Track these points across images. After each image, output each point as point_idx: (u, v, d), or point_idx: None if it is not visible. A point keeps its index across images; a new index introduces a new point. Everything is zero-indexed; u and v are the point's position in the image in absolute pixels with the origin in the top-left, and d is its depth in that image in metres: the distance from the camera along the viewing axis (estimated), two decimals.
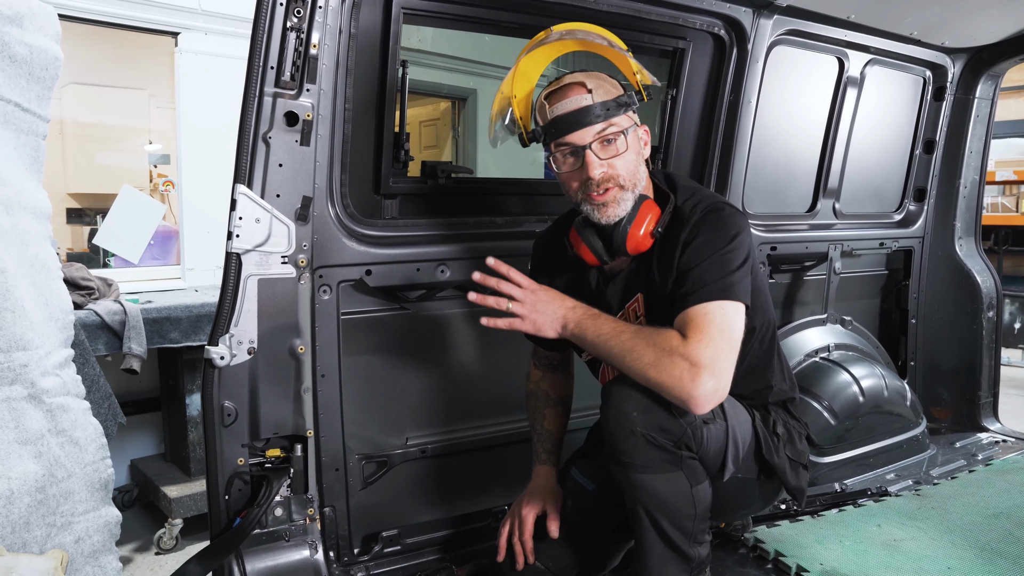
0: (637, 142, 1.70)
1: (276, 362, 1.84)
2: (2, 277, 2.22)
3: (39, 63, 2.43)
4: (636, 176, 1.69)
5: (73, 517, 2.30)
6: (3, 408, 2.20)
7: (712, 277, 1.59)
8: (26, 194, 2.43)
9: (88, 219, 5.13)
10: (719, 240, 1.63)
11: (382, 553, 2.11)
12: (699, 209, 1.69)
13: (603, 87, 1.65)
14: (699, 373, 1.49)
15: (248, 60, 1.70)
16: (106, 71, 5.03)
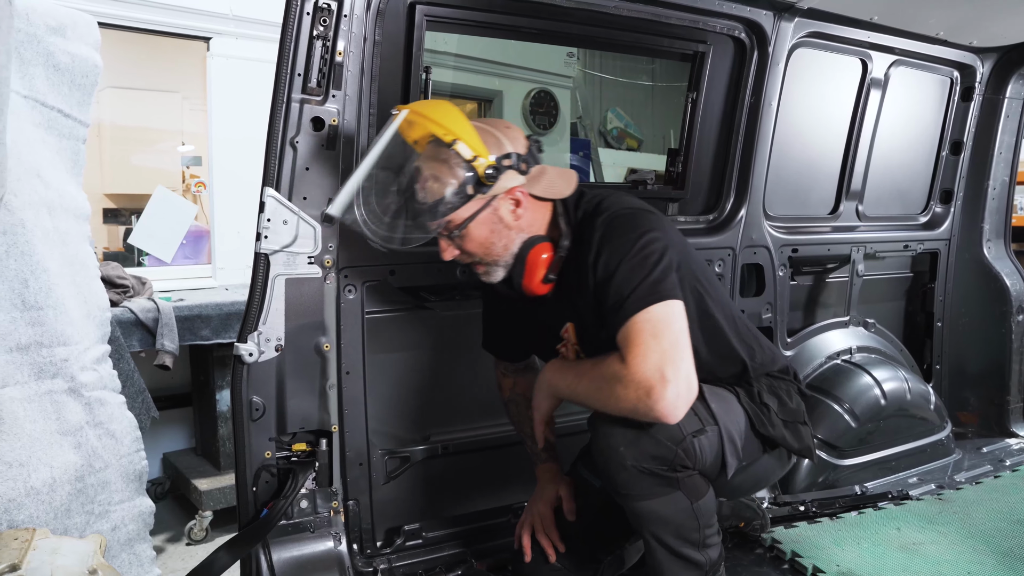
0: (492, 219, 1.67)
1: (302, 359, 1.90)
2: (45, 276, 2.32)
3: (80, 71, 2.52)
4: (494, 250, 1.70)
5: (110, 506, 2.39)
6: (45, 400, 2.29)
7: (629, 288, 1.58)
8: (67, 196, 2.52)
9: (124, 219, 5.25)
10: (623, 248, 1.62)
11: (404, 546, 2.16)
12: (599, 225, 1.68)
13: (441, 178, 1.61)
14: (652, 389, 1.49)
15: (276, 68, 1.76)
16: (142, 75, 5.16)
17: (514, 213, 1.70)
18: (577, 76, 6.29)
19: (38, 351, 2.28)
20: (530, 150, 1.71)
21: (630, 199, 1.78)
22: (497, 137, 1.66)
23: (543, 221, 1.76)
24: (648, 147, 7.09)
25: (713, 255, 2.57)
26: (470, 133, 1.60)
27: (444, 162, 1.60)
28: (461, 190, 1.61)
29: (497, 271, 1.74)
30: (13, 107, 2.30)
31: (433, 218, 1.63)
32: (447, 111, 1.62)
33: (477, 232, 1.67)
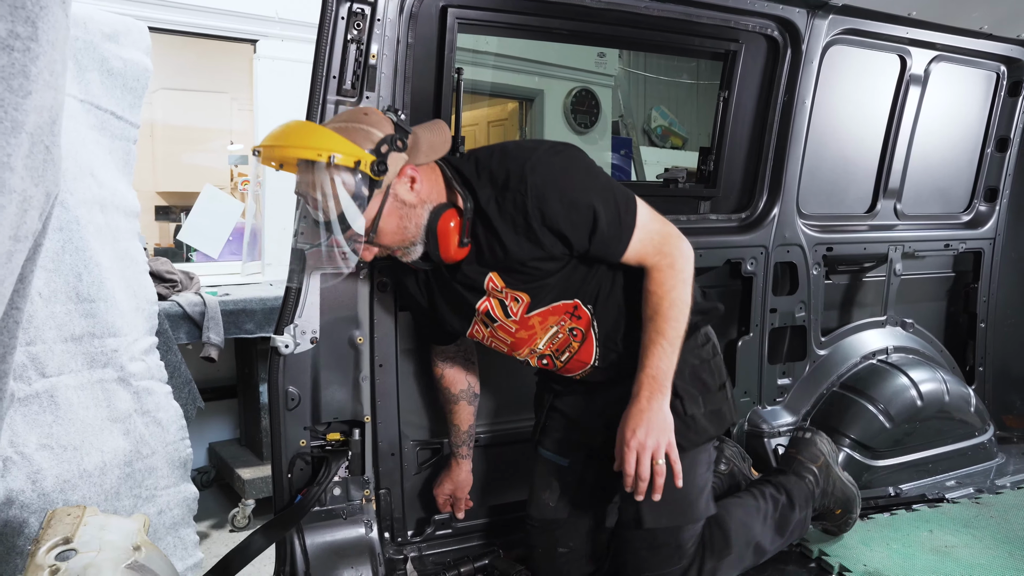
0: (396, 206, 1.68)
1: (337, 351, 1.97)
2: (97, 270, 2.43)
3: (132, 75, 2.64)
4: (407, 233, 1.71)
5: (156, 491, 2.49)
6: (97, 388, 2.41)
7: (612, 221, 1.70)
8: (118, 194, 2.64)
9: (174, 216, 5.41)
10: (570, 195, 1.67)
11: (433, 535, 2.22)
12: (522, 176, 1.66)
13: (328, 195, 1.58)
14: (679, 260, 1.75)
15: (312, 70, 1.83)
16: (192, 76, 5.32)
17: (412, 191, 1.69)
18: (619, 75, 6.28)
19: (91, 341, 2.40)
20: (396, 124, 1.66)
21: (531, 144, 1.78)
22: (364, 129, 1.62)
23: (439, 186, 1.75)
24: (693, 145, 7.04)
25: (745, 253, 2.56)
26: (338, 141, 1.56)
27: (329, 179, 1.57)
28: (359, 195, 1.60)
29: (415, 250, 1.74)
30: (70, 110, 2.42)
31: (345, 232, 1.60)
32: (306, 131, 1.62)
33: (388, 225, 1.68)
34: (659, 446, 1.68)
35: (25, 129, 1.27)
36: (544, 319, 1.85)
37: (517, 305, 1.83)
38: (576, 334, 1.87)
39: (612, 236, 1.71)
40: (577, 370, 1.93)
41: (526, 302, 1.82)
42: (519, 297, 1.82)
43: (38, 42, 1.26)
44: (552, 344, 1.89)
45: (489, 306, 1.86)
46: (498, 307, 1.85)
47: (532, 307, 1.83)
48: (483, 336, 1.93)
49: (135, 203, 2.76)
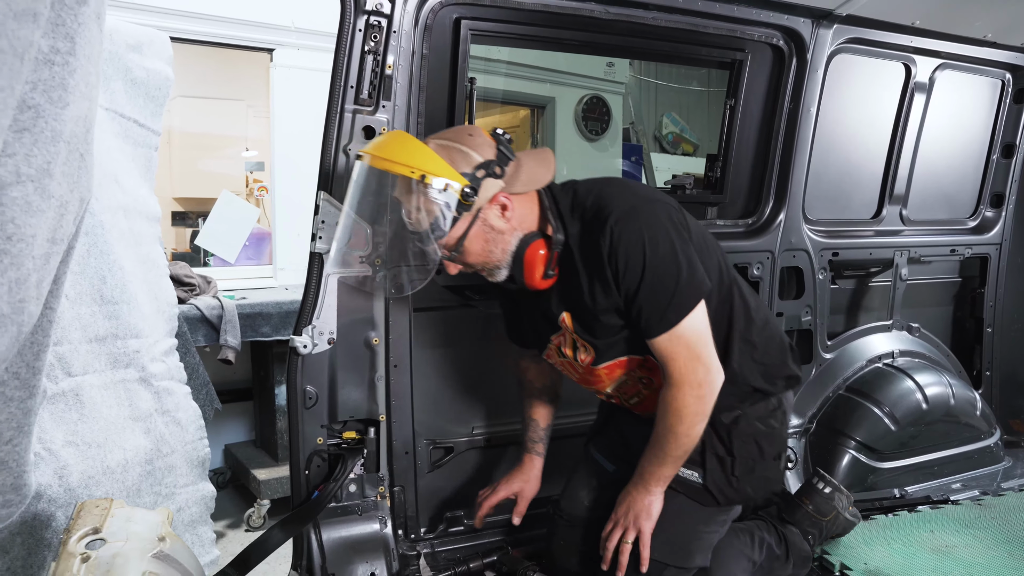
0: (484, 229, 1.71)
1: (353, 352, 2.03)
2: (121, 273, 2.51)
3: (154, 84, 2.72)
4: (493, 256, 1.75)
5: (175, 489, 2.56)
6: (120, 388, 2.48)
7: (663, 297, 1.67)
8: (140, 200, 2.72)
9: (191, 221, 5.50)
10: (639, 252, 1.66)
11: (446, 532, 2.27)
12: (608, 221, 1.68)
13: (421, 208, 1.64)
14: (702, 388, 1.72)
15: (331, 80, 1.89)
16: (209, 84, 5.41)
17: (503, 217, 1.72)
18: (630, 82, 6.33)
19: (114, 342, 2.47)
20: (499, 150, 1.71)
21: (629, 185, 1.83)
22: (463, 151, 1.66)
23: (533, 214, 1.78)
24: (703, 151, 7.08)
25: (751, 258, 2.61)
26: (434, 161, 1.62)
27: (420, 196, 1.62)
28: (445, 215, 1.64)
29: (500, 272, 1.78)
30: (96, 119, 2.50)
31: (429, 246, 1.67)
32: (406, 146, 1.65)
33: (473, 246, 1.71)
34: (630, 529, 1.82)
35: (63, 138, 1.34)
36: (611, 371, 1.89)
37: (585, 355, 1.88)
38: (646, 382, 1.91)
39: (649, 317, 1.70)
40: (647, 410, 1.94)
41: (592, 356, 1.87)
42: (587, 348, 1.86)
43: (76, 56, 1.33)
44: (621, 390, 1.96)
45: (563, 342, 1.91)
46: (569, 347, 1.90)
47: (597, 361, 1.87)
48: (555, 361, 1.99)
49: (156, 208, 2.84)
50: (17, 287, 1.27)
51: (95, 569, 1.43)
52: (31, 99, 1.23)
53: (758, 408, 1.89)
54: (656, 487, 1.82)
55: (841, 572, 2.07)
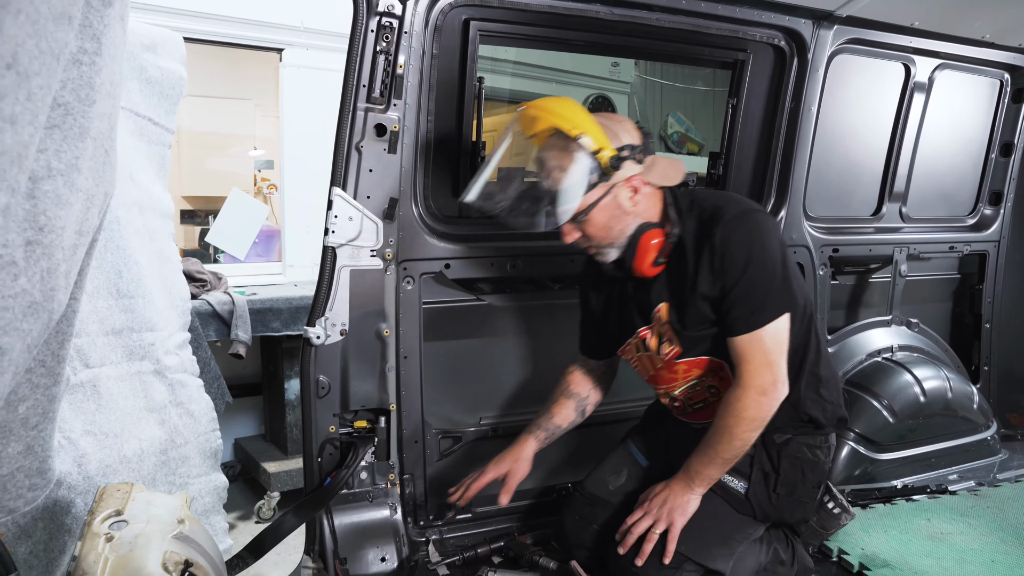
0: (612, 205, 1.81)
1: (364, 343, 2.09)
2: (136, 268, 2.57)
3: (168, 83, 2.78)
4: (612, 234, 1.84)
5: (189, 479, 2.62)
6: (135, 380, 2.54)
7: (754, 300, 1.78)
8: (155, 197, 2.78)
9: (199, 220, 5.56)
10: (745, 252, 1.76)
11: (454, 519, 2.33)
12: (722, 220, 1.79)
13: (564, 169, 1.73)
14: (766, 396, 1.79)
15: (343, 79, 1.95)
16: (217, 84, 5.47)
17: (632, 200, 1.83)
18: (635, 82, 6.36)
19: (129, 335, 2.54)
20: (644, 142, 1.83)
21: (742, 198, 1.93)
22: (615, 130, 1.78)
23: (656, 208, 1.89)
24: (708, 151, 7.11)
25: None
26: (593, 126, 1.72)
27: (570, 154, 1.72)
28: (586, 179, 1.73)
29: (611, 252, 1.88)
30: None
31: (560, 206, 1.76)
32: (570, 106, 1.75)
33: (598, 217, 1.81)
34: (662, 520, 1.86)
35: (90, 134, 1.40)
36: (689, 368, 1.97)
37: (670, 348, 1.97)
38: (713, 391, 1.99)
39: (737, 315, 1.80)
40: (707, 418, 1.99)
41: (677, 351, 1.96)
42: (673, 341, 1.95)
43: (102, 56, 1.39)
44: (688, 393, 2.03)
45: (647, 336, 2.00)
46: (654, 340, 2.00)
47: (682, 356, 1.96)
48: (632, 357, 2.08)
49: (170, 205, 2.90)
50: (48, 276, 1.33)
51: (118, 548, 1.49)
52: (61, 97, 1.29)
53: (808, 437, 1.98)
54: (699, 486, 1.87)
55: (839, 557, 2.12)
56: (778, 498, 1.94)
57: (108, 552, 1.46)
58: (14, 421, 1.64)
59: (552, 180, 1.75)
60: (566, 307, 2.47)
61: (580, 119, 1.72)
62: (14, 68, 0.92)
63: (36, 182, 1.25)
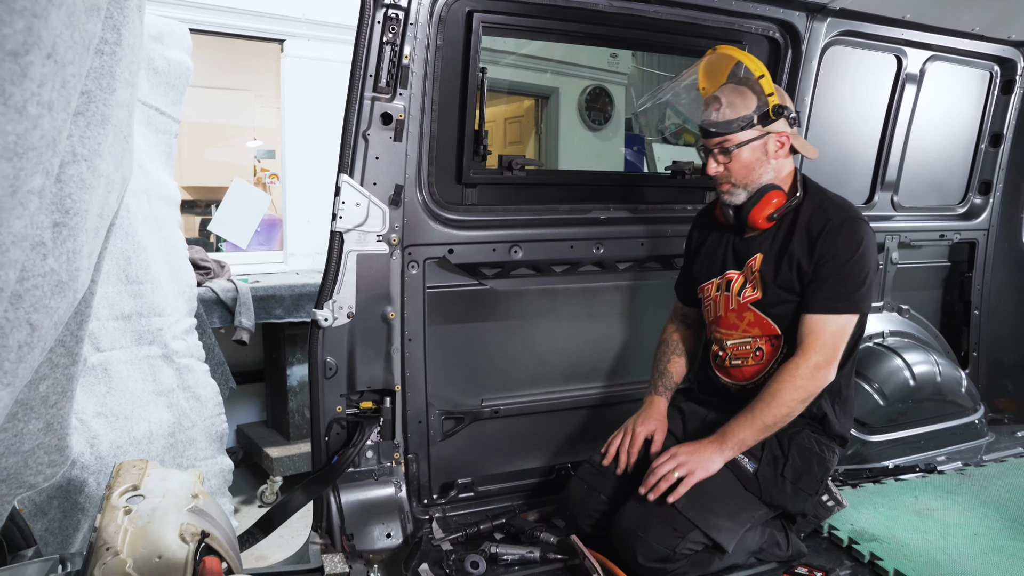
0: (760, 149, 2.05)
1: (370, 325, 2.15)
2: (144, 254, 2.62)
3: (175, 73, 2.83)
4: (750, 176, 2.07)
5: (195, 461, 2.68)
6: (144, 364, 2.60)
7: (842, 290, 1.98)
8: (161, 185, 2.84)
9: (199, 209, 5.60)
10: (850, 250, 1.98)
11: (456, 498, 2.40)
12: (838, 216, 2.02)
13: (734, 105, 2.01)
14: (820, 370, 1.97)
15: (351, 69, 2.01)
16: (217, 74, 5.50)
17: (776, 153, 2.07)
18: (632, 73, 6.41)
19: (138, 320, 2.59)
20: (796, 116, 2.08)
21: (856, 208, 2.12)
22: (780, 91, 2.05)
23: (789, 174, 2.13)
24: None
25: None
26: (769, 79, 2.02)
27: (747, 90, 2.01)
28: (751, 116, 2.00)
29: (740, 194, 2.09)
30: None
31: (724, 132, 2.01)
32: (754, 57, 2.06)
33: (746, 156, 2.04)
34: (684, 466, 1.96)
35: (111, 122, 1.46)
36: (755, 322, 2.13)
37: (751, 292, 2.14)
38: (759, 356, 2.15)
39: (819, 292, 2.00)
40: (735, 379, 2.19)
41: (757, 296, 2.12)
42: (757, 288, 2.12)
43: (121, 46, 1.45)
44: (736, 348, 2.18)
45: (734, 278, 2.18)
46: (739, 282, 2.17)
47: (757, 304, 2.12)
48: (709, 294, 2.26)
49: (176, 193, 2.95)
50: (73, 256, 1.39)
51: (136, 520, 1.55)
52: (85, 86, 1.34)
53: (818, 434, 2.11)
54: (729, 447, 1.99)
55: (829, 533, 2.19)
56: (784, 482, 2.02)
57: (127, 524, 1.52)
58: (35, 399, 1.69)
59: (724, 108, 2.01)
60: (566, 291, 2.53)
61: (762, 67, 2.03)
62: (53, 57, 0.98)
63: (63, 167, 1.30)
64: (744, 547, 2.04)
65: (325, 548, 2.09)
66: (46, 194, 1.20)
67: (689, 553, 1.93)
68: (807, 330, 2.00)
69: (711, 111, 2.03)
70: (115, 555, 1.40)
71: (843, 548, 2.14)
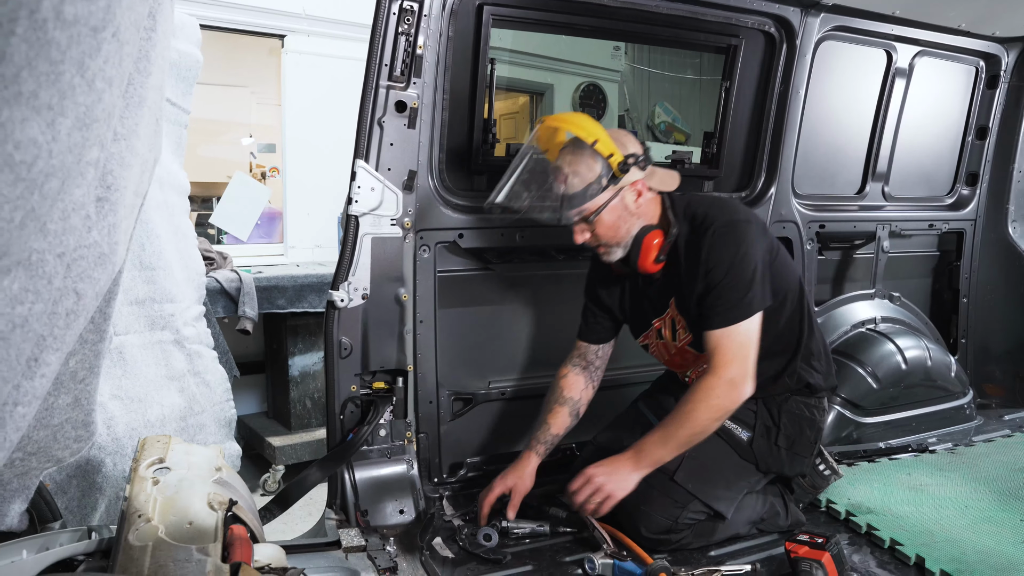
0: (619, 207, 2.00)
1: (384, 307, 2.22)
2: (157, 241, 2.68)
3: (185, 65, 2.89)
4: (619, 233, 2.04)
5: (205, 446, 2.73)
6: (156, 349, 2.65)
7: (732, 298, 1.94)
8: (172, 174, 2.89)
9: (195, 205, 5.63)
10: (729, 258, 1.96)
11: (465, 477, 2.47)
12: (711, 228, 1.99)
13: (580, 174, 1.93)
14: (735, 387, 1.93)
15: (367, 59, 2.08)
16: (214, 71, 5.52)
17: (636, 202, 2.03)
18: (625, 70, 6.50)
19: (151, 305, 2.65)
20: (644, 152, 2.02)
21: (733, 204, 2.12)
22: (622, 140, 1.99)
23: (656, 211, 2.10)
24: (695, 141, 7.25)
25: None
26: (604, 135, 1.94)
27: (585, 159, 1.93)
28: (599, 182, 1.94)
29: (617, 251, 2.07)
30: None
31: (574, 207, 1.95)
32: (583, 119, 1.97)
33: (608, 218, 2.00)
34: (601, 491, 1.97)
35: (146, 103, 1.52)
36: (700, 357, 2.13)
37: (683, 334, 2.16)
38: None
39: (713, 306, 1.97)
40: None
41: (689, 338, 2.15)
42: (686, 328, 2.14)
43: (156, 31, 1.51)
44: (697, 372, 2.19)
45: (663, 325, 2.20)
46: (669, 329, 2.19)
47: (693, 345, 2.14)
48: (652, 343, 2.26)
49: (186, 183, 3.01)
50: (113, 230, 1.45)
51: (165, 490, 1.62)
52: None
53: (805, 398, 2.17)
54: (645, 465, 1.98)
55: (827, 507, 2.28)
56: (779, 451, 2.11)
57: (156, 494, 1.58)
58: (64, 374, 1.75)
59: (569, 184, 1.94)
60: (570, 276, 2.61)
61: (594, 129, 1.94)
62: (117, 36, 1.04)
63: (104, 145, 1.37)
64: (745, 517, 2.13)
65: (341, 523, 2.15)
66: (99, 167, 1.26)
67: (691, 523, 2.03)
68: (712, 347, 1.96)
69: (558, 184, 1.96)
70: (147, 521, 1.46)
71: (840, 520, 2.23)
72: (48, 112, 0.89)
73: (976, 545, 2.02)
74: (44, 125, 0.89)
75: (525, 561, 2.01)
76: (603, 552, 1.95)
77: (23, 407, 1.21)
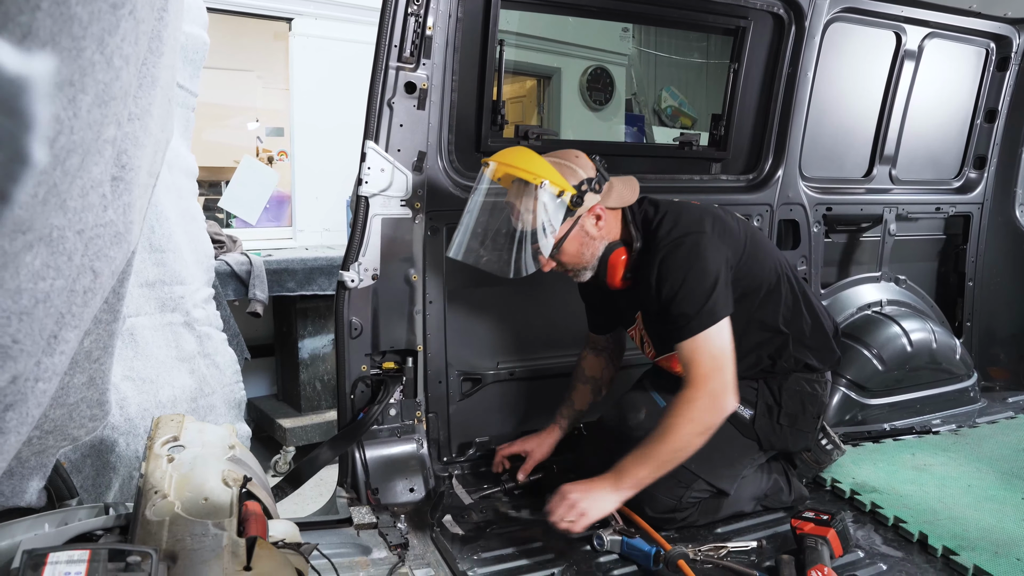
0: (580, 234, 2.00)
1: (394, 287, 2.24)
2: (167, 223, 2.69)
3: (192, 47, 2.89)
4: (584, 257, 2.04)
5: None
6: (167, 330, 2.68)
7: (691, 310, 1.91)
8: (181, 157, 2.91)
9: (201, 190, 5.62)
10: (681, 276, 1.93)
11: (474, 456, 2.50)
12: (664, 244, 1.97)
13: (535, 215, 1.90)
14: (717, 400, 1.88)
15: (376, 40, 2.08)
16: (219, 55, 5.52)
17: (597, 226, 2.02)
18: (632, 53, 6.48)
19: (161, 288, 2.67)
20: (598, 170, 2.00)
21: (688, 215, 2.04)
22: (572, 168, 1.96)
23: (618, 227, 2.08)
24: (701, 125, 7.24)
25: (752, 211, 2.83)
26: (551, 171, 1.90)
27: (536, 200, 1.89)
28: (554, 220, 1.92)
29: (586, 274, 2.08)
30: None
31: (532, 244, 1.93)
32: (528, 157, 1.93)
33: (570, 247, 2.01)
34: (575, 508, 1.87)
35: (159, 84, 1.53)
36: (670, 362, 2.16)
37: (649, 348, 2.22)
38: None
39: (677, 319, 1.93)
40: None
41: (652, 352, 2.21)
42: (650, 343, 2.20)
43: (168, 12, 1.52)
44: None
45: (635, 335, 2.26)
46: (638, 340, 2.25)
47: (656, 356, 2.21)
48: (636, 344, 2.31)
49: (194, 165, 3.02)
50: (128, 210, 1.47)
51: (180, 468, 1.65)
52: None
53: (805, 374, 2.18)
54: (626, 487, 1.90)
55: (832, 486, 2.30)
56: (782, 429, 2.13)
57: (171, 471, 1.60)
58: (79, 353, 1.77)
59: (524, 224, 1.92)
60: None
61: (538, 168, 1.90)
62: (134, 14, 1.06)
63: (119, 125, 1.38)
64: (750, 493, 2.16)
65: (352, 501, 2.18)
66: (115, 146, 1.28)
67: (696, 501, 2.06)
68: (686, 360, 1.92)
69: (517, 221, 1.95)
70: (163, 497, 1.49)
71: (845, 499, 2.25)
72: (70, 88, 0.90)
73: (978, 523, 2.04)
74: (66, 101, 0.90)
75: (535, 537, 2.04)
76: (612, 528, 1.97)
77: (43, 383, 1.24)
